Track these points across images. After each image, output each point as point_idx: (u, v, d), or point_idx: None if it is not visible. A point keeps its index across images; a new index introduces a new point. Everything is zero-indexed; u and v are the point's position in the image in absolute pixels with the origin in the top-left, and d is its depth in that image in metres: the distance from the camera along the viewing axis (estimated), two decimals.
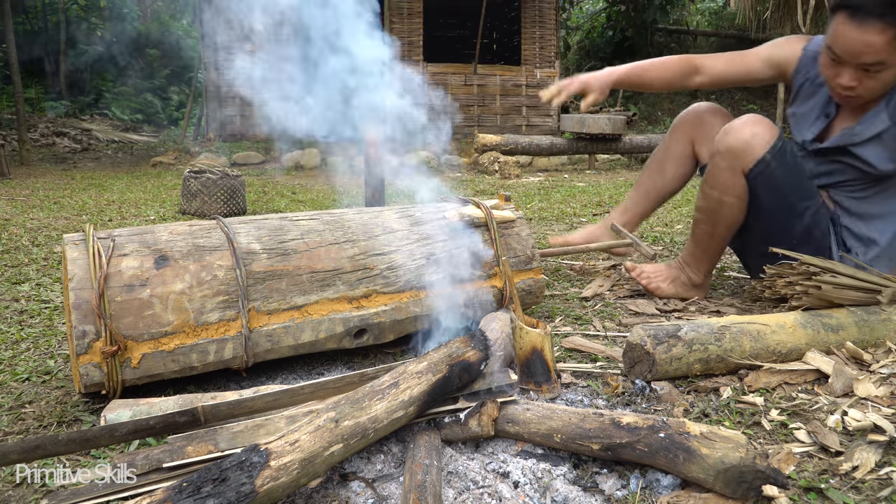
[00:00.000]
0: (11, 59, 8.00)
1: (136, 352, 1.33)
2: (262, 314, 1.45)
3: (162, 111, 15.19)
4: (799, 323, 1.54)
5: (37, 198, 4.89)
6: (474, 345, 1.20)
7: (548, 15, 10.55)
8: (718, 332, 1.48)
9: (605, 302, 2.16)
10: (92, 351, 1.30)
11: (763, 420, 1.28)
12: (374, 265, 1.59)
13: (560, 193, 5.55)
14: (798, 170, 1.92)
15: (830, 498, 1.02)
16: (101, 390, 1.34)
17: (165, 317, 1.36)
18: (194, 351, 1.39)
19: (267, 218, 1.60)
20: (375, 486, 1.06)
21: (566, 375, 1.51)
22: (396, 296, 1.60)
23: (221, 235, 1.49)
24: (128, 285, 1.35)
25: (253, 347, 1.44)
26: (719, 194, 1.95)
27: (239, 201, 4.21)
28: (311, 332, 1.50)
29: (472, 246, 1.71)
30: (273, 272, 1.48)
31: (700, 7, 15.01)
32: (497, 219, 1.80)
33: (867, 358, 1.52)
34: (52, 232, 3.43)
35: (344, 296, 1.54)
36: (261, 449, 0.91)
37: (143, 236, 1.44)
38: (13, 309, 2.07)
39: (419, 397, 1.08)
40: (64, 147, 10.58)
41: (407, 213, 1.75)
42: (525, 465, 1.11)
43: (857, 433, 1.21)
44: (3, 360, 1.64)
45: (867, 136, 1.84)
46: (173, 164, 8.13)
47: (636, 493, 1.04)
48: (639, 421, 1.07)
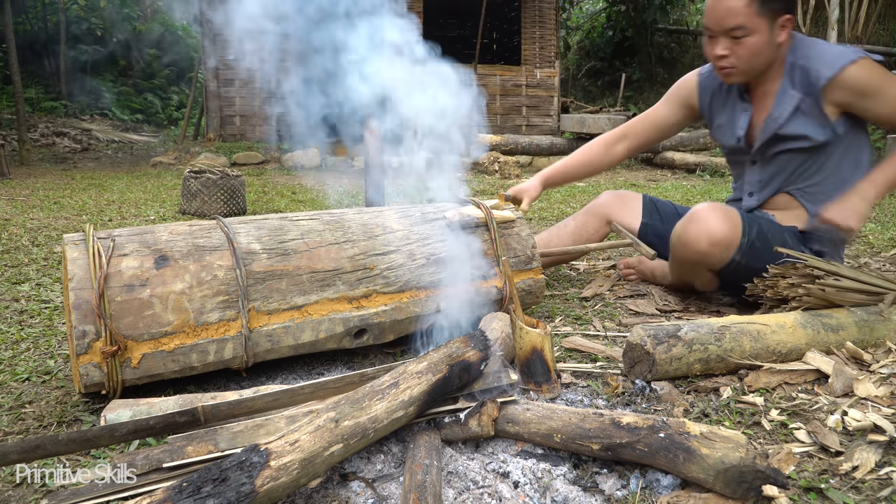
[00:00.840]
0: (11, 59, 8.00)
1: (136, 352, 1.33)
2: (262, 314, 1.45)
3: (162, 111, 15.18)
4: (799, 323, 1.54)
5: (37, 198, 4.89)
6: (474, 345, 1.20)
7: (548, 15, 10.55)
8: (718, 332, 1.48)
9: (605, 302, 2.16)
10: (92, 351, 1.30)
11: (763, 420, 1.28)
12: (375, 265, 1.59)
13: (560, 193, 5.55)
14: (769, 244, 1.83)
15: (830, 498, 1.02)
16: (101, 390, 1.34)
17: (165, 317, 1.36)
18: (194, 351, 1.39)
19: (267, 218, 1.60)
20: (375, 486, 1.06)
21: (566, 375, 1.51)
22: (396, 296, 1.60)
23: (221, 235, 1.49)
24: (128, 285, 1.35)
25: (253, 347, 1.44)
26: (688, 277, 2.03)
27: (239, 201, 4.21)
28: (312, 332, 1.50)
29: (471, 246, 1.71)
30: (273, 272, 1.48)
31: (700, 7, 15.01)
32: (497, 219, 1.80)
33: (867, 358, 1.52)
34: (52, 232, 3.43)
35: (344, 296, 1.54)
36: (261, 449, 0.91)
37: (143, 236, 1.44)
38: (13, 309, 2.07)
39: (419, 397, 1.08)
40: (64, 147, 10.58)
41: (407, 213, 1.75)
42: (525, 465, 1.11)
43: (857, 433, 1.21)
44: (3, 360, 1.64)
45: (787, 115, 1.88)
46: (173, 164, 8.13)
47: (636, 493, 1.04)
48: (639, 421, 1.07)
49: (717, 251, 1.81)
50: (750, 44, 1.78)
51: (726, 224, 1.81)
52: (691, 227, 1.84)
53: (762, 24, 1.76)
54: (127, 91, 14.71)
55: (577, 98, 13.59)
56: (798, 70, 1.85)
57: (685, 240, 1.86)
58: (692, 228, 1.84)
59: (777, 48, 1.82)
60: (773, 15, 1.76)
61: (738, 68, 1.84)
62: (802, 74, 1.84)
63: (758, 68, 1.85)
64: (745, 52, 1.79)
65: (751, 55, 1.80)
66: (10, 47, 7.95)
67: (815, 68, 1.81)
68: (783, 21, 1.79)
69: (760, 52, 1.80)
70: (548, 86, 10.58)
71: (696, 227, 1.83)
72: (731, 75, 1.88)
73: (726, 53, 1.81)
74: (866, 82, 1.78)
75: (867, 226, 3.52)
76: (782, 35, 1.80)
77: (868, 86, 1.78)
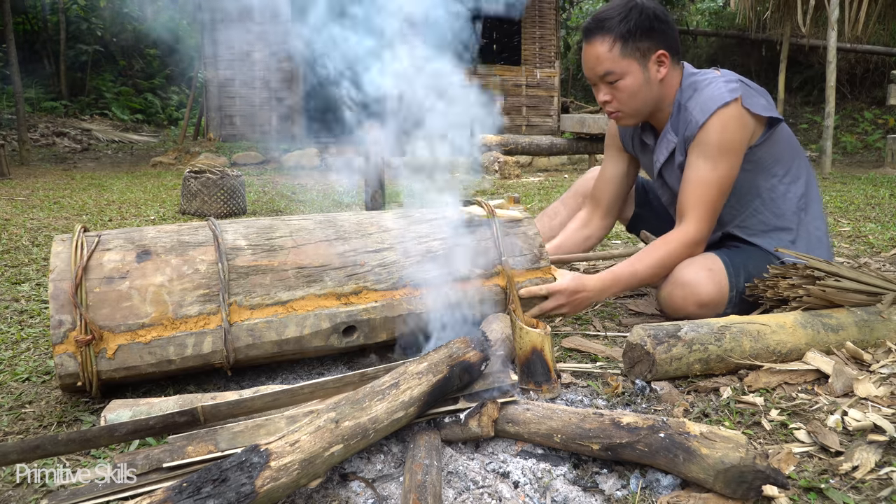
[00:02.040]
0: (11, 59, 8.00)
1: (112, 342, 1.33)
2: (244, 308, 1.44)
3: (162, 111, 15.18)
4: (799, 323, 1.54)
5: (37, 198, 4.89)
6: (475, 345, 1.20)
7: (548, 15, 10.56)
8: (718, 332, 1.48)
9: (605, 302, 2.16)
10: (67, 341, 1.30)
11: (763, 420, 1.28)
12: (365, 262, 1.57)
13: (560, 193, 5.55)
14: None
15: (830, 498, 1.02)
16: (76, 381, 1.33)
17: (143, 308, 1.36)
18: (171, 344, 1.38)
19: (259, 219, 1.60)
20: (375, 486, 1.06)
21: (566, 375, 1.51)
22: (389, 293, 1.57)
23: (208, 233, 1.49)
24: (107, 277, 1.35)
25: (233, 342, 1.42)
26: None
27: (239, 201, 4.21)
28: (296, 327, 1.48)
29: (472, 244, 1.70)
30: (257, 267, 1.47)
31: (700, 7, 15.01)
32: (504, 218, 1.79)
33: (867, 358, 1.52)
34: (52, 232, 3.43)
35: (332, 292, 1.52)
36: (261, 449, 0.91)
37: (130, 234, 1.46)
38: (13, 309, 2.07)
39: (419, 398, 1.08)
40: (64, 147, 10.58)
41: (406, 213, 1.75)
42: (525, 465, 1.11)
43: (857, 433, 1.21)
44: (3, 360, 1.64)
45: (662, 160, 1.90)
46: (173, 164, 8.13)
47: (636, 493, 1.04)
48: (639, 421, 1.07)
49: (707, 311, 1.76)
50: (625, 86, 1.78)
51: (712, 286, 1.74)
52: (677, 293, 1.77)
53: (632, 65, 1.76)
54: (127, 91, 14.72)
55: (577, 98, 13.60)
56: (683, 111, 1.82)
57: (672, 305, 1.80)
58: (678, 294, 1.77)
59: (660, 85, 1.81)
60: (641, 54, 1.75)
61: (623, 111, 1.84)
62: (683, 117, 1.81)
63: (643, 108, 1.83)
64: (623, 94, 1.80)
65: (629, 97, 1.80)
66: (10, 47, 7.95)
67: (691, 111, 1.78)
68: (656, 58, 1.77)
69: (637, 91, 1.79)
70: (548, 86, 10.59)
71: (682, 293, 1.76)
72: (620, 118, 1.88)
73: (608, 99, 1.83)
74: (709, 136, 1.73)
75: (867, 226, 3.52)
76: (662, 71, 1.79)
77: (706, 140, 1.73)
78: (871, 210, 4.13)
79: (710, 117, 1.71)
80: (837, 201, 4.53)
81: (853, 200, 4.57)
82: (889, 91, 7.41)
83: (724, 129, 1.72)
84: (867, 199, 4.68)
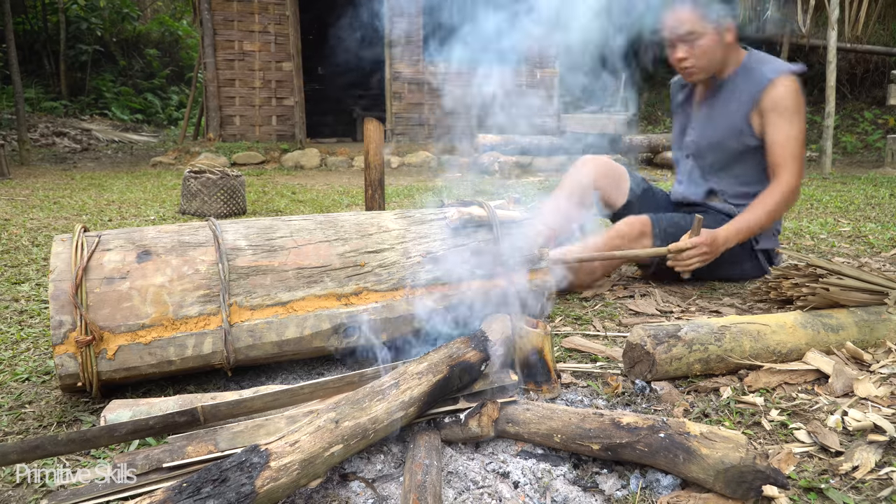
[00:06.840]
0: (11, 59, 8.00)
1: (112, 343, 1.33)
2: (244, 309, 1.44)
3: (162, 111, 15.17)
4: (799, 323, 1.54)
5: (37, 198, 4.89)
6: (475, 345, 1.20)
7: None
8: (718, 332, 1.48)
9: (605, 302, 2.16)
10: (67, 341, 1.30)
11: (763, 420, 1.28)
12: (366, 262, 1.57)
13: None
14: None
15: (830, 498, 1.02)
16: (76, 382, 1.33)
17: (143, 309, 1.36)
18: (172, 344, 1.38)
19: (259, 219, 1.60)
20: (375, 486, 1.06)
21: (566, 375, 1.51)
22: (389, 293, 1.58)
23: (209, 233, 1.49)
24: (108, 278, 1.35)
25: (233, 342, 1.42)
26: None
27: (239, 201, 4.21)
28: (296, 328, 1.48)
29: (472, 245, 1.70)
30: (257, 268, 1.47)
31: None
32: (503, 218, 1.79)
33: (867, 358, 1.52)
34: (52, 232, 3.43)
35: (332, 293, 1.52)
36: (261, 449, 0.91)
37: (130, 234, 1.46)
38: (13, 309, 2.07)
39: (419, 398, 1.08)
40: (64, 147, 10.58)
41: (405, 214, 1.75)
42: (525, 465, 1.11)
43: (857, 433, 1.21)
44: (3, 360, 1.64)
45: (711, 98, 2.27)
46: (173, 164, 8.13)
47: (636, 493, 1.04)
48: (639, 421, 1.07)
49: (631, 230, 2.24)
50: (702, 46, 2.15)
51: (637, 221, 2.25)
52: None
53: (709, 28, 2.13)
54: (127, 91, 14.71)
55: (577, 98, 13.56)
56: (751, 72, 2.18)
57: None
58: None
59: (726, 49, 2.18)
60: (717, 21, 2.13)
61: (697, 66, 2.19)
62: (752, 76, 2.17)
63: (711, 66, 2.20)
64: (699, 52, 2.16)
65: (703, 54, 2.16)
66: (10, 47, 7.95)
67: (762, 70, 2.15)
68: (728, 26, 2.15)
69: (711, 51, 2.16)
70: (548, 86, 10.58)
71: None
72: (693, 74, 2.22)
73: (685, 55, 2.18)
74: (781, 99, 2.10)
75: (867, 225, 3.52)
76: (729, 37, 2.16)
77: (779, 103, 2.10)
78: (871, 210, 4.13)
79: (780, 76, 2.10)
80: (837, 201, 4.53)
81: (853, 200, 4.57)
82: (889, 91, 7.41)
83: (795, 93, 2.11)
84: (867, 199, 4.68)
